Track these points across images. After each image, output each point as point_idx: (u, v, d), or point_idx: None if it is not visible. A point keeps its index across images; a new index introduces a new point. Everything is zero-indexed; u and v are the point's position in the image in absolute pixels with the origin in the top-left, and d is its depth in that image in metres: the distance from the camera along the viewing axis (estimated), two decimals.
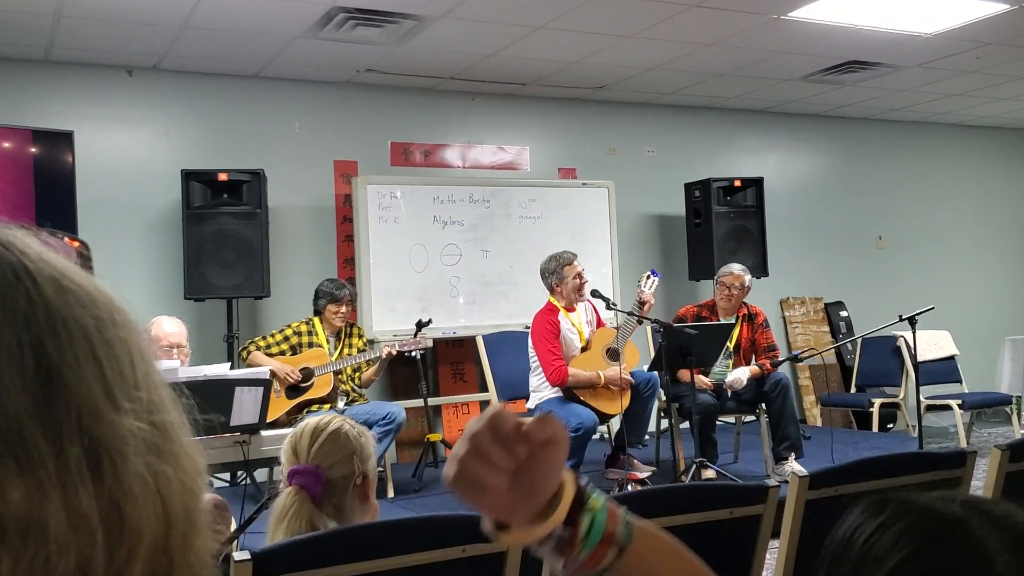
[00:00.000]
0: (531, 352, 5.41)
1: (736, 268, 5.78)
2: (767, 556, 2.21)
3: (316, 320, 5.59)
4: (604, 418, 5.37)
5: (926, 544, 0.71)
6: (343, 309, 5.53)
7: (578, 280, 5.42)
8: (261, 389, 3.45)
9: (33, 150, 5.22)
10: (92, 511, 0.49)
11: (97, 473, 0.50)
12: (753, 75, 7.10)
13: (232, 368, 4.32)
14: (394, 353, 5.47)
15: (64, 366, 0.51)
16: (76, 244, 4.41)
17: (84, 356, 0.53)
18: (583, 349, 5.44)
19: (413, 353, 5.58)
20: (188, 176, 5.93)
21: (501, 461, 0.77)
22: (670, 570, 0.86)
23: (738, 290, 5.68)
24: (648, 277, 5.40)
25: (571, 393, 5.28)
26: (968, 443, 6.64)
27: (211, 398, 3.38)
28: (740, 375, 5.48)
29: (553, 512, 0.81)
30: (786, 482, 2.23)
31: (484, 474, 0.77)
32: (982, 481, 2.47)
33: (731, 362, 5.69)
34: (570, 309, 5.49)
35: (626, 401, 5.26)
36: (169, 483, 0.54)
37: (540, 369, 5.33)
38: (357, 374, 5.64)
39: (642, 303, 5.28)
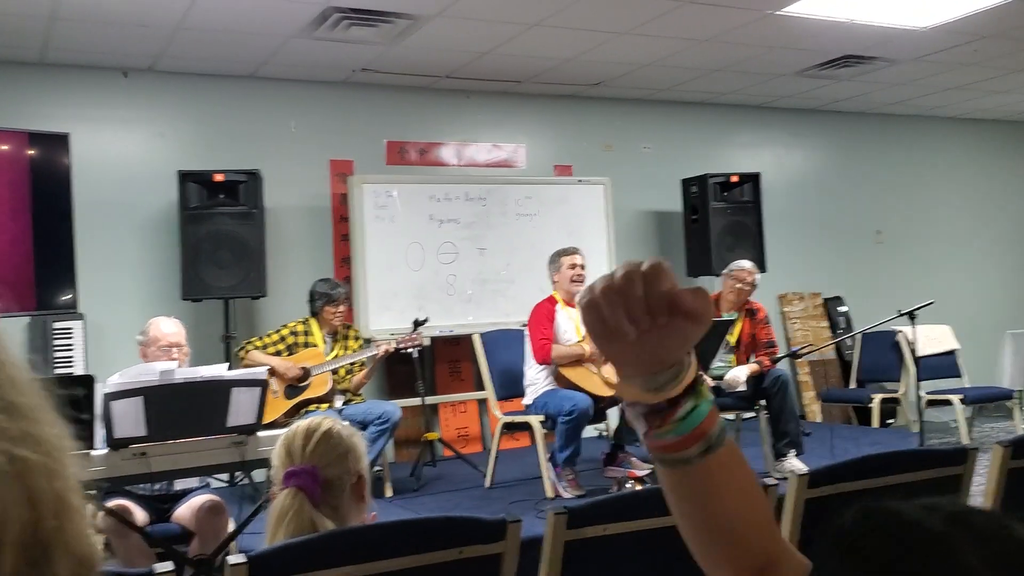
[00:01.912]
0: (527, 347, 5.42)
1: (747, 264, 5.78)
2: None
3: (312, 320, 5.58)
4: (600, 408, 5.34)
5: (907, 562, 0.69)
6: (341, 308, 5.53)
7: (572, 271, 5.45)
8: (258, 389, 3.43)
9: (30, 152, 5.20)
10: None
11: None
12: (748, 70, 7.09)
13: (230, 369, 4.30)
14: (391, 350, 5.45)
15: None
16: None
17: None
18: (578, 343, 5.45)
19: (409, 350, 5.56)
20: (184, 177, 5.91)
21: (639, 318, 0.75)
22: (741, 493, 0.85)
23: (748, 286, 5.70)
24: None
25: (565, 382, 5.29)
26: (969, 438, 6.63)
27: (208, 399, 3.37)
28: (738, 374, 5.46)
29: (666, 384, 0.80)
30: (786, 479, 2.22)
31: (615, 318, 0.75)
32: (984, 477, 2.45)
33: (732, 357, 5.68)
34: (570, 304, 5.49)
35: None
36: (30, 468, 0.50)
37: (535, 362, 5.35)
38: (349, 376, 5.62)
39: None
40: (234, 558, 1.56)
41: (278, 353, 5.45)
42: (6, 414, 0.50)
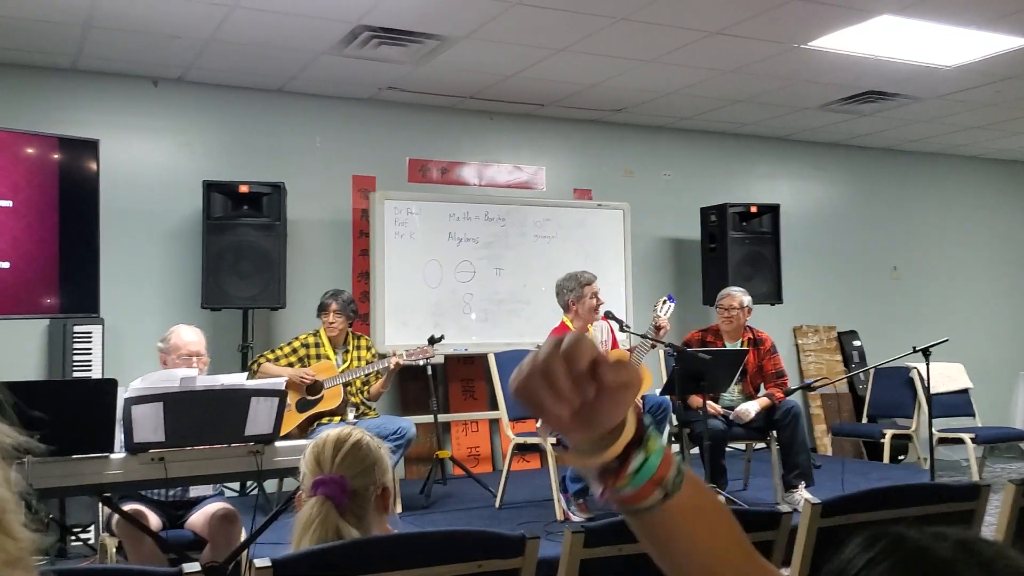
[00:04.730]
0: None
1: (734, 290, 5.78)
2: None
3: (323, 331, 5.62)
4: None
5: None
6: (330, 318, 5.53)
7: (595, 301, 5.43)
8: (276, 400, 3.46)
9: (58, 157, 5.28)
10: None
11: None
12: (771, 102, 7.13)
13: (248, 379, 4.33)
14: (401, 364, 5.46)
15: None
16: None
17: None
18: None
19: (421, 362, 5.57)
20: (209, 187, 5.99)
21: (568, 395, 0.77)
22: (711, 528, 0.87)
23: (737, 310, 5.65)
24: (664, 302, 5.41)
25: None
26: (980, 477, 6.61)
27: (227, 407, 3.40)
28: (749, 408, 5.44)
29: (609, 445, 0.82)
30: (797, 510, 2.23)
31: (547, 399, 0.77)
32: (995, 516, 2.47)
33: (738, 388, 5.67)
34: (583, 329, 5.49)
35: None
36: None
37: None
38: (366, 387, 5.65)
39: (658, 327, 5.29)
40: (260, 561, 1.59)
41: (290, 366, 5.48)
42: None
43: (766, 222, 7.54)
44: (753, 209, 7.50)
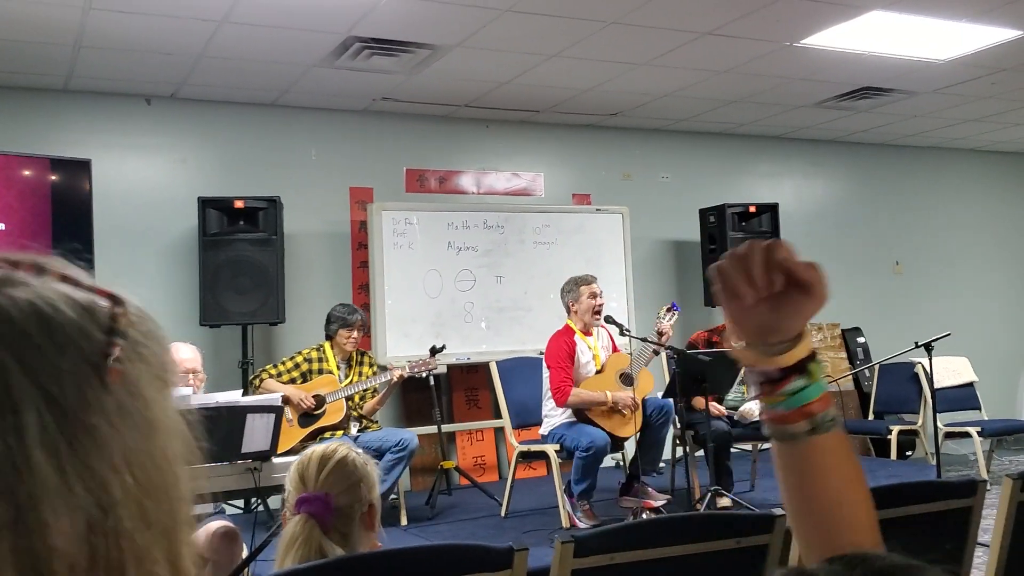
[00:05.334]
0: (544, 379, 5.41)
1: None
2: None
3: (327, 345, 5.60)
4: (617, 441, 5.34)
5: None
6: (354, 334, 5.54)
7: (592, 301, 5.42)
8: (273, 416, 3.45)
9: (52, 178, 5.28)
10: None
11: None
12: (767, 101, 7.11)
13: (244, 395, 4.33)
14: (404, 376, 5.45)
15: None
16: None
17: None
18: (597, 372, 5.42)
19: (424, 374, 5.56)
20: (205, 203, 5.98)
21: (757, 277, 0.84)
22: (844, 482, 0.89)
23: None
24: (668, 310, 5.42)
25: (584, 416, 5.27)
26: (988, 471, 6.57)
27: (223, 425, 3.39)
28: (753, 408, 5.44)
29: (780, 355, 0.87)
30: None
31: (737, 281, 0.85)
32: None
33: (744, 388, 5.66)
34: (587, 333, 5.48)
35: (639, 422, 5.25)
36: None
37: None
38: (363, 403, 5.63)
39: (660, 333, 5.29)
40: None
41: (292, 380, 5.47)
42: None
43: (765, 221, 7.53)
44: (752, 209, 7.49)
